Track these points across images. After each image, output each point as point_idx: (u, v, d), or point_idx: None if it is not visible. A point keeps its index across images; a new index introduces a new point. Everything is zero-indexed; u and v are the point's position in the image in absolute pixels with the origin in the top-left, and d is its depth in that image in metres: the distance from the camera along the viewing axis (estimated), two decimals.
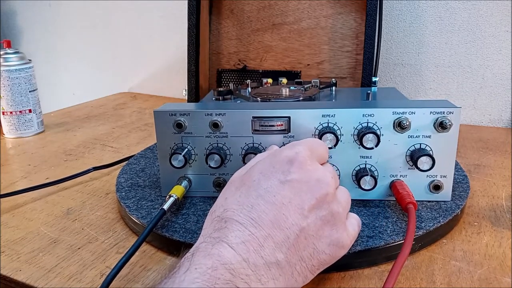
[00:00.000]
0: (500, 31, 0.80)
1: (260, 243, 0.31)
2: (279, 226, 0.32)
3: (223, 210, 0.34)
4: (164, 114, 0.47)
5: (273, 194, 0.34)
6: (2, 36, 1.37)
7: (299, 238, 0.32)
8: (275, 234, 0.32)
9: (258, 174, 0.36)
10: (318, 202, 0.34)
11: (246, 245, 0.31)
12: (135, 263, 0.41)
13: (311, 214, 0.33)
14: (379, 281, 0.37)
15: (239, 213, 0.33)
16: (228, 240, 0.31)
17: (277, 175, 0.35)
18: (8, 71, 0.79)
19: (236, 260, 0.30)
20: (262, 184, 0.34)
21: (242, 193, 0.35)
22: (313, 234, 0.33)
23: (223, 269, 0.29)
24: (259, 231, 0.31)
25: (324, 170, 0.36)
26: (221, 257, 0.30)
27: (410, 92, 0.90)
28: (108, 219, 0.50)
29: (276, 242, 0.31)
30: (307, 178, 0.35)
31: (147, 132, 0.84)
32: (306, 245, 0.33)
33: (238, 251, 0.30)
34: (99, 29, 1.24)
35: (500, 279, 0.37)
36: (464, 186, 0.51)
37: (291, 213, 0.33)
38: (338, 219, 0.35)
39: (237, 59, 0.84)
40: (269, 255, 0.31)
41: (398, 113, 0.44)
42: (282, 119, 0.46)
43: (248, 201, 0.33)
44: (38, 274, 0.40)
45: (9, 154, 0.74)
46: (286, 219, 0.33)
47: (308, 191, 0.34)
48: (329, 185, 0.35)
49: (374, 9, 0.70)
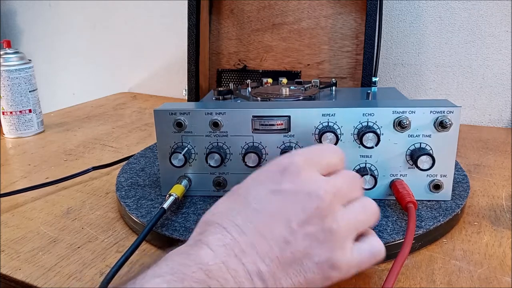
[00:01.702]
0: (500, 31, 0.80)
1: (242, 249, 0.30)
2: (264, 236, 0.30)
3: (211, 214, 0.33)
4: (164, 113, 0.47)
5: (260, 203, 0.32)
6: (2, 36, 1.37)
7: (284, 252, 0.30)
8: (259, 243, 0.30)
9: (250, 181, 0.35)
10: (308, 217, 0.31)
11: (227, 249, 0.29)
12: (134, 262, 0.41)
13: (300, 229, 0.31)
14: (378, 280, 0.37)
15: (224, 218, 0.31)
16: (208, 241, 0.30)
17: (268, 183, 0.33)
18: (8, 71, 0.79)
19: (213, 262, 0.28)
20: (251, 192, 0.33)
21: (231, 199, 0.34)
22: (300, 250, 0.31)
23: (197, 268, 0.27)
24: (242, 238, 0.30)
25: (319, 182, 0.33)
26: (197, 257, 0.28)
27: (410, 92, 0.90)
28: (108, 218, 0.50)
29: (259, 252, 0.30)
30: (297, 189, 0.32)
31: (147, 132, 0.84)
32: (292, 261, 0.30)
33: (217, 253, 0.29)
34: (99, 29, 1.25)
35: (500, 279, 0.37)
36: (464, 186, 0.51)
37: (277, 224, 0.31)
38: (332, 238, 0.31)
39: (237, 59, 0.84)
40: (251, 264, 0.29)
41: (398, 113, 0.44)
42: (282, 118, 0.46)
43: (235, 207, 0.32)
44: (37, 273, 0.40)
45: (9, 154, 0.74)
46: (271, 230, 0.31)
47: (298, 203, 0.32)
48: (321, 199, 0.32)
49: (374, 9, 0.70)
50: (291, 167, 0.33)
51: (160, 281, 0.26)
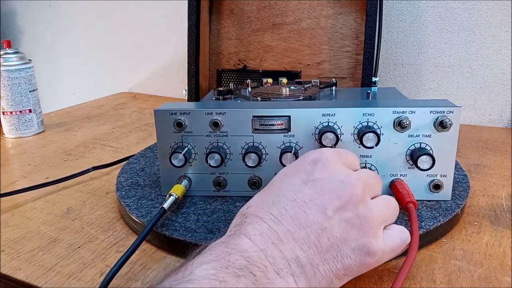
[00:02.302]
0: (500, 31, 0.80)
1: (279, 237, 0.31)
2: (300, 224, 0.31)
3: (247, 207, 0.34)
4: (164, 113, 0.47)
5: (294, 192, 0.33)
6: (2, 36, 1.37)
7: (321, 238, 0.31)
8: (295, 230, 0.31)
9: (282, 175, 0.36)
10: (342, 203, 0.33)
11: (264, 237, 0.30)
12: (135, 262, 0.41)
13: (335, 215, 0.32)
14: (379, 280, 0.37)
15: (260, 209, 0.33)
16: (246, 232, 0.31)
17: (300, 174, 0.35)
18: (8, 71, 0.79)
19: (253, 250, 0.29)
20: (284, 183, 0.35)
21: (265, 192, 0.35)
22: (336, 235, 0.32)
23: (239, 256, 0.29)
24: (278, 226, 0.31)
25: (350, 172, 0.35)
26: (237, 245, 0.29)
27: (410, 92, 0.90)
28: (108, 218, 0.50)
29: (296, 238, 0.31)
30: (330, 178, 0.34)
31: (147, 132, 0.84)
32: (329, 246, 0.32)
33: (255, 242, 0.30)
34: (99, 29, 1.25)
35: (500, 278, 0.37)
36: (464, 186, 0.51)
37: (312, 211, 0.32)
38: (367, 224, 0.33)
39: (237, 59, 0.84)
40: (289, 251, 0.30)
41: (398, 113, 0.44)
42: (282, 118, 0.46)
43: (269, 199, 0.34)
44: (38, 273, 0.40)
45: (9, 154, 0.74)
46: (306, 216, 0.32)
47: (331, 191, 0.33)
48: (353, 187, 0.34)
49: (374, 9, 0.70)
50: (323, 158, 0.36)
51: (208, 267, 0.27)
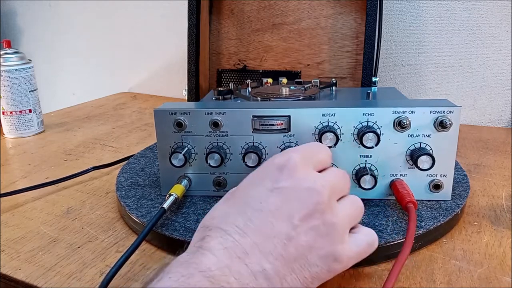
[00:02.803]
0: (500, 31, 0.80)
1: (245, 250, 0.29)
2: (266, 235, 0.30)
3: (210, 218, 0.33)
4: (164, 113, 0.47)
5: (259, 201, 0.32)
6: (2, 36, 1.37)
7: (287, 248, 0.30)
8: (261, 242, 0.30)
9: (247, 183, 0.35)
10: (309, 211, 0.32)
11: (229, 252, 0.29)
12: (134, 262, 0.41)
13: (302, 224, 0.31)
14: (379, 279, 0.37)
15: (224, 221, 0.31)
16: (210, 247, 0.29)
17: (266, 182, 0.33)
18: (8, 71, 0.79)
19: (216, 267, 0.28)
20: (249, 192, 0.33)
21: (230, 202, 0.34)
22: (303, 245, 0.31)
23: (201, 276, 0.27)
24: (244, 239, 0.30)
25: (316, 178, 0.34)
26: (199, 264, 0.28)
27: (410, 92, 0.90)
28: (108, 218, 0.50)
29: (262, 251, 0.30)
30: (297, 185, 0.33)
31: (147, 132, 0.84)
32: (296, 256, 0.31)
33: (219, 257, 0.29)
34: (99, 29, 1.25)
35: (500, 278, 0.37)
36: (464, 186, 0.51)
37: (278, 221, 0.31)
38: (334, 231, 0.32)
39: (237, 59, 0.84)
40: (255, 264, 0.29)
41: (398, 112, 0.44)
42: (282, 118, 0.46)
43: (234, 209, 0.32)
44: (38, 273, 0.40)
45: (9, 154, 0.74)
46: (272, 226, 0.31)
47: (298, 199, 0.32)
48: (320, 194, 0.32)
49: (374, 9, 0.70)
50: (289, 164, 0.34)
51: None
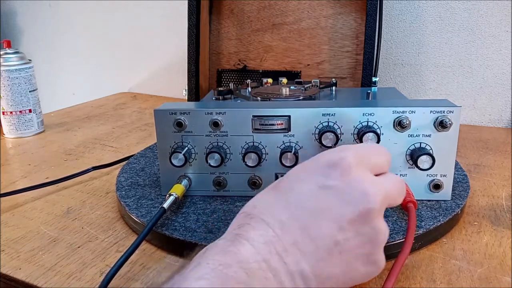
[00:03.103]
0: (500, 31, 0.80)
1: (285, 247, 0.28)
2: (309, 235, 0.29)
3: (252, 207, 0.31)
4: (164, 113, 0.47)
5: (307, 198, 0.30)
6: (2, 36, 1.37)
7: (332, 252, 0.29)
8: (304, 242, 0.28)
9: (293, 176, 0.32)
10: (362, 217, 0.29)
11: (269, 246, 0.28)
12: (134, 262, 0.41)
13: (351, 227, 0.29)
14: (379, 279, 0.37)
15: (267, 212, 0.30)
16: (249, 237, 0.28)
17: (316, 178, 0.31)
18: (8, 71, 0.79)
19: (254, 260, 0.27)
20: (295, 187, 0.31)
21: (274, 194, 0.32)
22: (350, 250, 0.29)
23: (238, 267, 0.26)
24: (285, 235, 0.28)
25: (372, 182, 0.31)
26: (237, 254, 0.27)
27: (410, 92, 0.90)
28: (108, 218, 0.50)
29: (303, 251, 0.28)
30: (349, 186, 0.30)
31: (147, 132, 0.84)
32: (339, 262, 0.29)
33: (258, 250, 0.27)
34: (99, 29, 1.25)
35: (500, 278, 0.37)
36: (464, 186, 0.51)
37: (325, 222, 0.29)
38: (380, 238, 0.30)
39: (237, 59, 0.84)
40: (293, 263, 0.28)
41: (398, 112, 0.44)
42: (282, 118, 0.46)
43: (278, 202, 0.31)
44: (38, 273, 0.40)
45: (9, 154, 0.74)
46: (319, 228, 0.29)
47: (349, 201, 0.30)
48: (374, 200, 0.30)
49: (374, 9, 0.70)
50: (342, 163, 0.31)
51: (204, 283, 0.25)
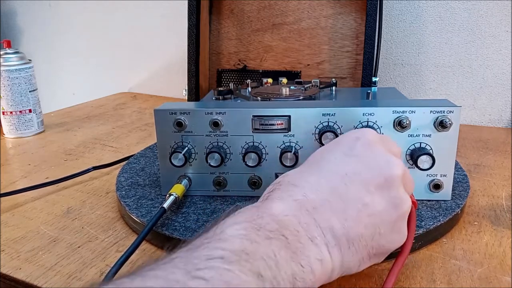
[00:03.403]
0: (500, 31, 0.80)
1: (315, 205, 0.29)
2: (339, 196, 0.30)
3: (283, 176, 0.32)
4: (164, 113, 0.47)
5: (335, 164, 0.32)
6: (2, 36, 1.37)
7: (361, 213, 0.29)
8: (333, 201, 0.29)
9: (322, 150, 0.34)
10: (387, 182, 0.30)
11: (299, 203, 0.29)
12: (134, 262, 0.41)
13: (378, 192, 0.30)
14: (379, 279, 0.37)
15: (297, 178, 0.31)
16: (279, 196, 0.29)
17: (342, 148, 0.33)
18: (8, 71, 0.79)
19: (284, 214, 0.28)
20: (324, 156, 0.33)
21: (304, 166, 0.34)
22: (377, 214, 0.30)
23: (270, 219, 0.27)
24: (314, 195, 0.29)
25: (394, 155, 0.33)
26: (269, 209, 0.28)
27: (410, 92, 0.90)
28: (108, 218, 0.50)
29: (333, 209, 0.29)
30: (375, 156, 0.32)
31: (147, 132, 0.84)
32: (368, 224, 0.29)
33: (288, 206, 0.28)
34: (99, 29, 1.25)
35: (500, 278, 0.37)
36: (464, 186, 0.51)
37: (354, 185, 0.30)
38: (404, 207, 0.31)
39: (237, 59, 0.84)
40: (324, 221, 0.28)
41: (398, 112, 0.44)
42: (282, 118, 0.46)
43: (308, 170, 0.32)
44: (38, 273, 0.40)
45: (9, 154, 0.74)
46: (347, 189, 0.30)
47: (375, 167, 0.31)
48: (398, 167, 0.31)
49: (374, 9, 0.70)
50: (365, 137, 0.34)
51: (239, 227, 0.26)
